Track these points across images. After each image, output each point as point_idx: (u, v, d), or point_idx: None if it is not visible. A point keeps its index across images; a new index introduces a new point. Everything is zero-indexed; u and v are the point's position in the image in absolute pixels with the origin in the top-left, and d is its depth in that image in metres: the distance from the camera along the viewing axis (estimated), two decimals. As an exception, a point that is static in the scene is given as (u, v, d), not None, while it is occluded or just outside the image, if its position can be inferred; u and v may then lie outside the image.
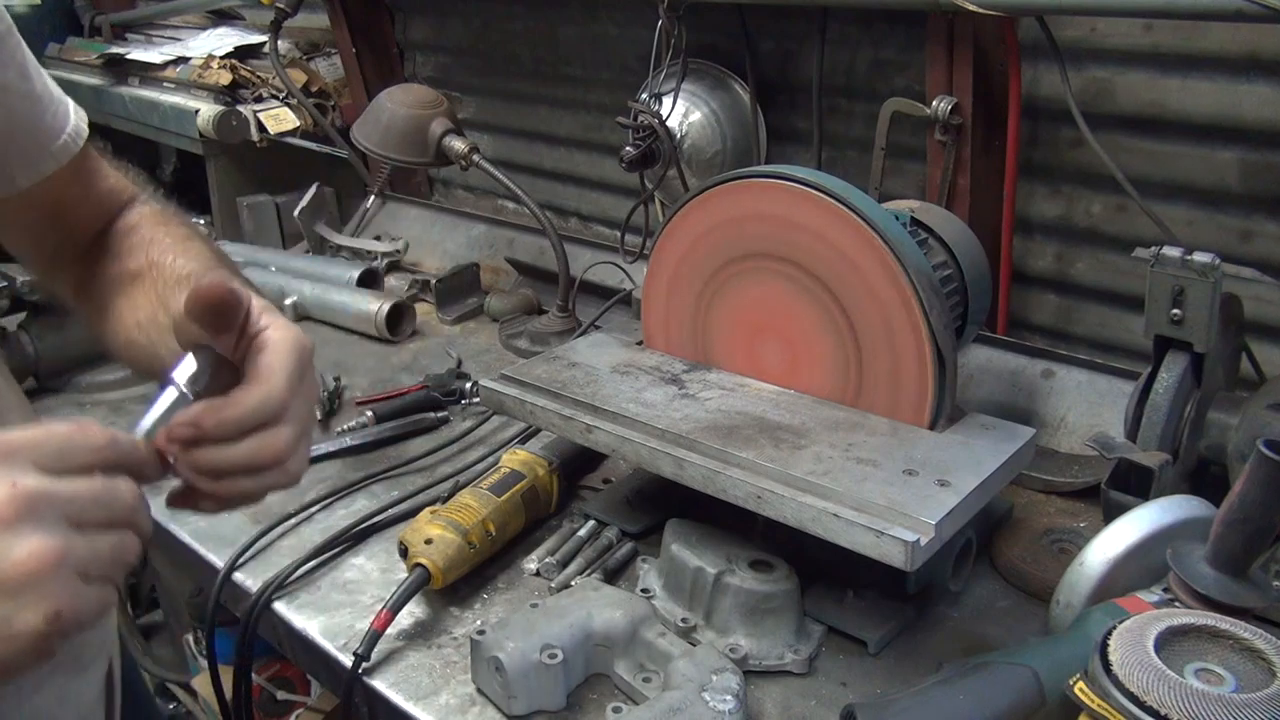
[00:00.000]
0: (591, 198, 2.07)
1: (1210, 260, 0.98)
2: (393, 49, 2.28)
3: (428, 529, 1.05)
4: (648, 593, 1.03)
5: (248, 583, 1.10)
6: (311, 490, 1.26)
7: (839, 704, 0.89)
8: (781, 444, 0.99)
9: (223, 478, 0.65)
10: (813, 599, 1.02)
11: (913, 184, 1.51)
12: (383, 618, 0.96)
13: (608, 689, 0.94)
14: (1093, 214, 1.38)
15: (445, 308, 1.84)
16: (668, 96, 1.58)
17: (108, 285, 0.86)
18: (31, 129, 0.84)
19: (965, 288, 1.16)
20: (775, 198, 1.05)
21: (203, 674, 2.02)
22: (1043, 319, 1.49)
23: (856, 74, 1.54)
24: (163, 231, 0.88)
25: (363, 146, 1.76)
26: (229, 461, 0.64)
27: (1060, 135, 1.37)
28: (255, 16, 2.51)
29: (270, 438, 0.65)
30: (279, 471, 0.67)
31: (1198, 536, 0.82)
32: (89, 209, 0.91)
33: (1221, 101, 1.21)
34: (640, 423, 1.04)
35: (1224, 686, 0.65)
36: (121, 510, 0.58)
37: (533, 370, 1.16)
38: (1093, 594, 0.87)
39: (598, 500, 1.22)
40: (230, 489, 0.66)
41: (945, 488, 0.91)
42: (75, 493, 0.55)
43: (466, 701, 0.93)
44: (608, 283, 1.73)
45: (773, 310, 1.11)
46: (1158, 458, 0.99)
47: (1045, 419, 1.32)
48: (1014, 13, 1.21)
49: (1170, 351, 1.05)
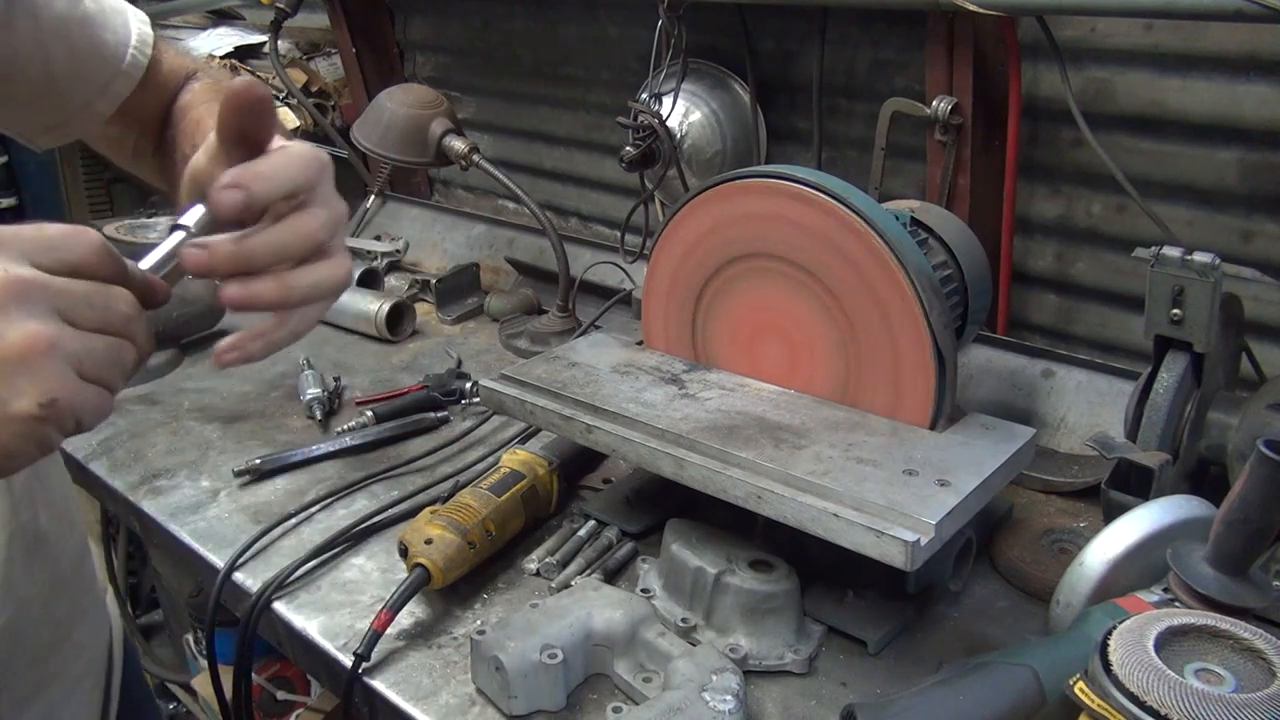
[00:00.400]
0: (591, 198, 2.07)
1: (1210, 260, 0.98)
2: (393, 49, 2.28)
3: (428, 529, 1.05)
4: (648, 593, 1.03)
5: (248, 583, 1.10)
6: (311, 490, 1.26)
7: (839, 704, 0.89)
8: (781, 444, 0.99)
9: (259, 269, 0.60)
10: (813, 599, 1.02)
11: (913, 184, 1.51)
12: (383, 618, 0.96)
13: (608, 689, 0.94)
14: (1093, 214, 1.38)
15: (445, 308, 1.84)
16: (668, 96, 1.58)
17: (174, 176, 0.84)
18: (95, 55, 0.82)
19: (965, 288, 1.16)
20: (775, 198, 1.05)
21: (203, 674, 2.02)
22: (1043, 319, 1.49)
23: (856, 74, 1.54)
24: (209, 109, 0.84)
25: (363, 146, 1.76)
26: (265, 245, 0.60)
27: (1060, 135, 1.37)
28: (255, 16, 2.51)
29: (303, 216, 0.61)
30: (322, 264, 0.62)
31: (1198, 536, 0.82)
32: (153, 100, 0.89)
33: (1221, 101, 1.21)
34: (640, 423, 1.04)
35: (1224, 686, 0.65)
36: (116, 317, 0.55)
37: (533, 370, 1.16)
38: (1093, 594, 0.87)
39: (598, 500, 1.22)
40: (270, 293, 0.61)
41: (945, 488, 0.91)
42: (68, 288, 0.53)
43: (466, 701, 0.93)
44: (608, 283, 1.73)
45: (773, 310, 1.11)
46: (1158, 458, 0.99)
47: (1045, 419, 1.32)
48: (1014, 13, 1.21)
49: (1170, 351, 1.05)
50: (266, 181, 0.59)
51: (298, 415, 1.47)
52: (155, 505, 1.24)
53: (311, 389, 1.48)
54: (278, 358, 1.66)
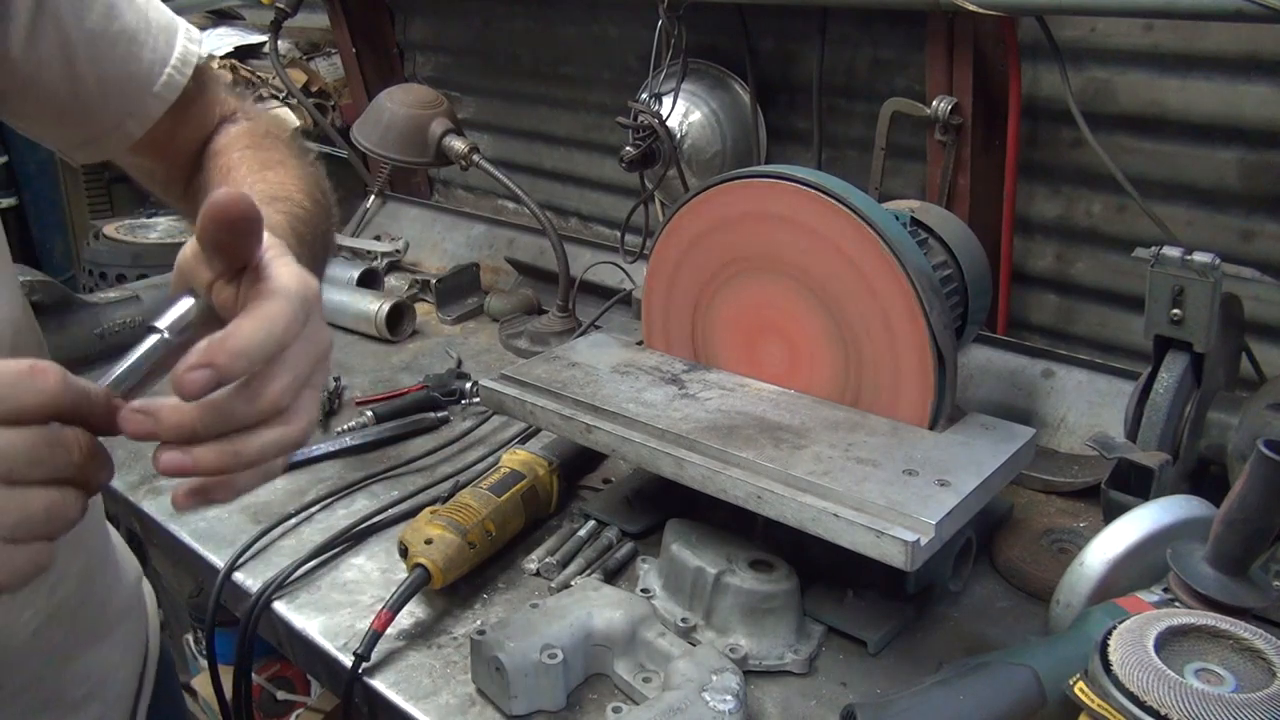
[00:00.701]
0: (591, 198, 2.07)
1: (1210, 260, 0.98)
2: (393, 49, 2.28)
3: (428, 529, 1.05)
4: (648, 593, 1.03)
5: (248, 583, 1.10)
6: (311, 490, 1.26)
7: (839, 704, 0.89)
8: (781, 444, 0.99)
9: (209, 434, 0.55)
10: (813, 599, 1.02)
11: (913, 184, 1.51)
12: (383, 618, 0.96)
13: (608, 689, 0.94)
14: (1093, 214, 1.38)
15: (445, 308, 1.84)
16: (668, 96, 1.58)
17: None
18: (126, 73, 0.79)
19: (965, 288, 1.16)
20: (775, 198, 1.05)
21: (203, 674, 2.02)
22: (1043, 319, 1.49)
23: (856, 74, 1.54)
24: (242, 157, 0.81)
25: (363, 146, 1.76)
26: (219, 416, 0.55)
27: (1060, 135, 1.37)
28: (255, 16, 2.51)
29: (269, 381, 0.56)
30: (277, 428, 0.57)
31: (1198, 536, 0.82)
32: (186, 133, 0.86)
33: (1221, 101, 1.21)
34: (640, 423, 1.04)
35: (1224, 686, 0.65)
36: (64, 466, 0.51)
37: (533, 370, 1.16)
38: (1093, 594, 0.87)
39: (598, 500, 1.22)
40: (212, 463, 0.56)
41: (945, 488, 0.91)
42: (11, 446, 0.49)
43: (466, 701, 0.93)
44: (608, 283, 1.73)
45: (772, 310, 1.11)
46: (1158, 458, 0.99)
47: (1045, 419, 1.32)
48: (1014, 13, 1.21)
49: (1170, 351, 1.05)
50: (240, 359, 0.53)
51: (298, 415, 1.47)
52: (155, 505, 1.24)
53: (311, 389, 1.47)
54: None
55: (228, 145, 0.84)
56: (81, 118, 0.81)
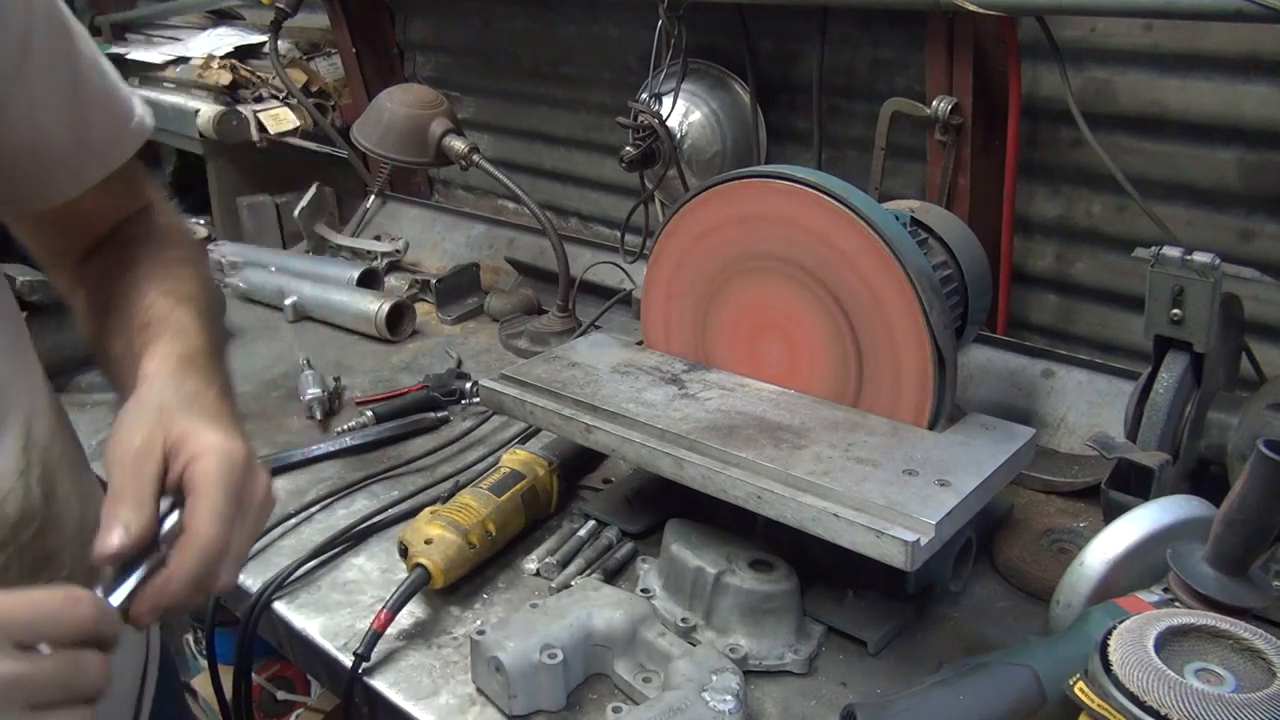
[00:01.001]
0: (591, 198, 2.07)
1: (1210, 260, 0.98)
2: (393, 49, 2.28)
3: (428, 529, 1.05)
4: (648, 593, 1.03)
5: (248, 583, 1.10)
6: (311, 490, 1.26)
7: (839, 704, 0.89)
8: (781, 444, 0.99)
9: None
10: (813, 599, 1.02)
11: (913, 184, 1.51)
12: (383, 618, 0.96)
13: (608, 689, 0.94)
14: (1093, 214, 1.38)
15: (445, 308, 1.84)
16: (668, 96, 1.58)
17: (96, 301, 0.84)
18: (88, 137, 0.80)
19: (965, 288, 1.16)
20: (775, 198, 1.05)
21: (203, 674, 2.02)
22: (1043, 319, 1.49)
23: (856, 74, 1.54)
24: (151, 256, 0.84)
25: (363, 146, 1.76)
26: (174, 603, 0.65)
27: (1060, 135, 1.37)
28: (255, 16, 2.51)
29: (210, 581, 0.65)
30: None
31: (1198, 536, 0.82)
32: (101, 215, 0.87)
33: (1221, 101, 1.21)
34: (640, 423, 1.04)
35: (1224, 686, 0.65)
36: (85, 688, 0.55)
37: (533, 370, 1.16)
38: (1093, 594, 0.87)
39: (598, 500, 1.22)
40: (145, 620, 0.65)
41: (945, 488, 0.91)
42: (46, 676, 0.53)
43: (466, 701, 0.93)
44: (608, 283, 1.73)
45: (773, 310, 1.11)
46: (1158, 458, 0.99)
47: (1045, 419, 1.32)
48: (1014, 13, 1.21)
49: (1170, 351, 1.05)
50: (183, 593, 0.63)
51: (297, 415, 1.47)
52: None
53: (311, 389, 1.48)
54: (278, 357, 1.67)
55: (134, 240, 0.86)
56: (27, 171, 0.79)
